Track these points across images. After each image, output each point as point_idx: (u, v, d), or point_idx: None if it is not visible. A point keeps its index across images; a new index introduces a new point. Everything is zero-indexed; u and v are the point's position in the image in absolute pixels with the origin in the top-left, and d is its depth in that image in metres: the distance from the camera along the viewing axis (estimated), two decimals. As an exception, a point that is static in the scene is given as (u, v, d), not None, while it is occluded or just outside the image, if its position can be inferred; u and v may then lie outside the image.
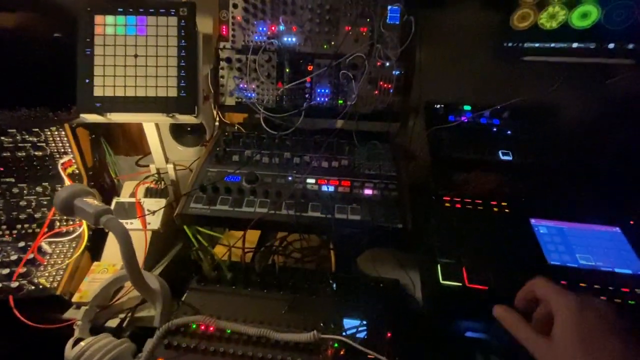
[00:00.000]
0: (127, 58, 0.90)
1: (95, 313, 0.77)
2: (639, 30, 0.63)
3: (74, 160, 0.89)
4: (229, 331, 0.70)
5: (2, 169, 0.88)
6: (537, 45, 0.74)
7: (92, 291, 0.80)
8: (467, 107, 1.04)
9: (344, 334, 0.70)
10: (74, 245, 0.86)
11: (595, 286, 0.59)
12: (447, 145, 0.92)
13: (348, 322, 0.73)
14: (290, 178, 0.85)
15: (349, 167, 0.88)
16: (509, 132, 0.96)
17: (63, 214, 0.72)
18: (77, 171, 0.90)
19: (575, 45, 0.71)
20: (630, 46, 0.67)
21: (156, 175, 1.04)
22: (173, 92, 0.90)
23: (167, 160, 1.05)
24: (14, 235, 0.86)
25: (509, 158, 0.88)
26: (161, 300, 0.75)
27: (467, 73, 0.92)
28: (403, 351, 0.66)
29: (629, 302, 0.57)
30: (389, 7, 0.89)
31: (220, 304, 0.77)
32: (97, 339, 0.70)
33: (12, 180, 0.89)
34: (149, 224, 0.92)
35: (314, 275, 0.81)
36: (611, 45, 0.68)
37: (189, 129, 1.32)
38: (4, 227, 0.86)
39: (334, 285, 0.79)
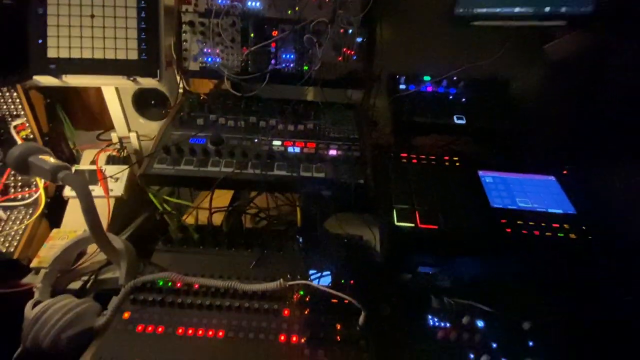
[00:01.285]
0: (83, 18, 0.87)
1: (56, 277, 0.76)
2: None
3: (27, 124, 0.85)
4: (197, 287, 0.72)
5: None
6: (484, 10, 0.80)
7: (52, 256, 0.78)
8: (426, 78, 1.10)
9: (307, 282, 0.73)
10: (30, 211, 0.83)
11: (530, 223, 0.66)
12: (408, 111, 0.97)
13: (313, 274, 0.77)
14: (256, 140, 0.86)
15: (314, 131, 0.91)
16: (463, 99, 1.03)
17: (18, 172, 0.70)
18: (31, 135, 0.87)
19: (517, 9, 0.77)
20: (563, 9, 0.74)
21: (118, 143, 1.01)
22: (133, 55, 0.88)
23: (129, 129, 1.02)
24: (-36, 203, 0.82)
25: (462, 122, 0.95)
26: (126, 259, 0.75)
27: (425, 41, 0.97)
28: (364, 294, 0.70)
29: (559, 234, 0.64)
30: (351, -27, 0.91)
31: (188, 264, 0.78)
32: (58, 299, 0.69)
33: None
34: (112, 190, 0.91)
35: (281, 233, 0.84)
36: (547, 9, 0.75)
37: (152, 102, 1.29)
38: (-50, 193, 0.81)
39: (300, 241, 0.82)
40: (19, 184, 0.85)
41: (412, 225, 0.64)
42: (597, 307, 0.66)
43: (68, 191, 0.90)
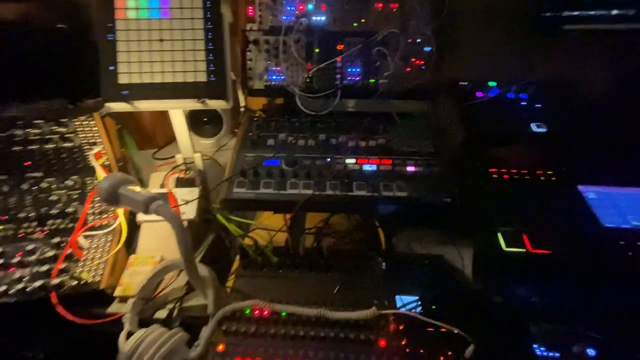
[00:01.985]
0: (152, 43, 0.87)
1: (141, 305, 0.76)
2: None
3: (104, 151, 0.86)
4: (284, 314, 0.70)
5: (29, 163, 0.84)
6: (576, 13, 0.74)
7: (135, 283, 0.78)
8: (492, 83, 1.04)
9: (401, 309, 0.70)
10: (110, 239, 0.84)
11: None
12: (480, 121, 0.93)
13: (401, 299, 0.73)
14: (329, 160, 0.84)
15: (387, 146, 0.87)
16: (538, 105, 0.97)
17: (108, 204, 0.69)
18: (107, 162, 0.87)
19: (614, 12, 0.71)
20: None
21: (183, 165, 1.01)
22: (202, 77, 0.88)
23: (194, 149, 1.02)
24: (47, 232, 0.82)
25: (543, 130, 0.89)
26: (212, 287, 0.74)
27: (502, 48, 0.92)
28: (459, 322, 0.66)
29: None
30: (420, -18, 0.88)
31: (270, 289, 0.76)
32: (150, 330, 0.68)
33: (41, 174, 0.85)
34: (184, 213, 0.90)
35: (361, 255, 0.81)
36: (655, 10, 0.69)
37: (205, 119, 1.30)
38: (34, 223, 0.83)
39: (383, 264, 0.79)
40: (97, 211, 0.85)
41: (523, 250, 0.60)
42: None
43: (141, 216, 0.90)
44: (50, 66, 1.04)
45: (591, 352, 0.64)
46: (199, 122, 1.30)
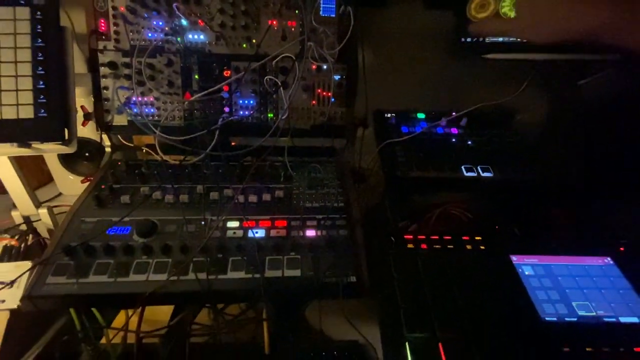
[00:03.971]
0: (-51, 65, 0.62)
1: None
2: None
3: None
4: None
5: None
6: (500, 39, 0.61)
7: None
8: (420, 115, 0.90)
9: None
10: None
11: (604, 349, 0.45)
12: (403, 163, 0.76)
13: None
14: (203, 223, 0.62)
15: (284, 200, 0.68)
16: (469, 142, 0.84)
17: None
18: None
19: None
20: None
21: (22, 226, 0.75)
22: (28, 112, 0.64)
23: (37, 204, 0.76)
24: None
25: (473, 174, 0.75)
26: None
27: (420, 76, 0.77)
28: None
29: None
30: (322, -4, 0.71)
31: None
32: None
33: None
34: (3, 301, 0.64)
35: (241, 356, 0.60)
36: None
37: (86, 153, 1.04)
38: None
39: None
40: None
41: (438, 369, 0.42)
42: None
43: None
44: None
45: None
46: (75, 155, 1.03)
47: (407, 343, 0.44)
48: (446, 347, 0.43)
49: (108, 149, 0.79)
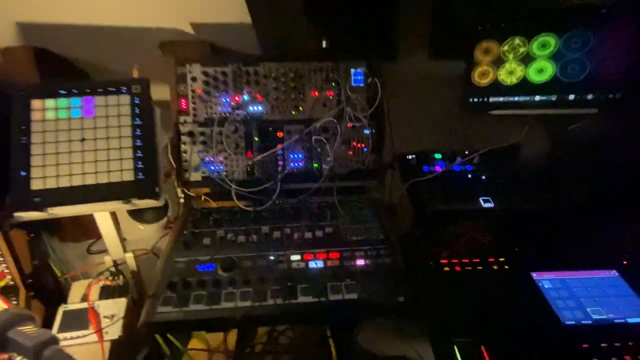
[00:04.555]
0: (72, 143, 0.80)
1: None
2: (595, 80, 0.68)
3: (7, 271, 0.74)
4: None
5: None
6: (501, 99, 0.77)
7: None
8: (437, 156, 1.05)
9: None
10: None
11: (616, 344, 0.56)
12: (428, 199, 0.90)
13: None
14: (272, 258, 0.76)
15: (334, 235, 0.82)
16: (483, 176, 0.97)
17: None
18: (11, 283, 0.74)
19: (537, 98, 0.75)
20: (589, 96, 0.72)
21: (112, 269, 0.90)
22: (129, 176, 0.81)
23: (124, 249, 0.91)
24: None
25: (491, 205, 0.88)
26: None
27: (436, 124, 0.94)
28: None
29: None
30: (352, 71, 0.89)
31: None
32: None
33: None
34: (106, 333, 0.77)
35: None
36: (571, 97, 0.73)
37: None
38: None
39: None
40: None
41: (482, 366, 0.53)
42: None
43: (53, 342, 0.75)
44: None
45: None
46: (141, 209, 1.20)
47: (455, 346, 0.55)
48: (488, 348, 0.54)
49: (181, 200, 0.95)
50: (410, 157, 1.04)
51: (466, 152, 1.00)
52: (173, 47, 0.95)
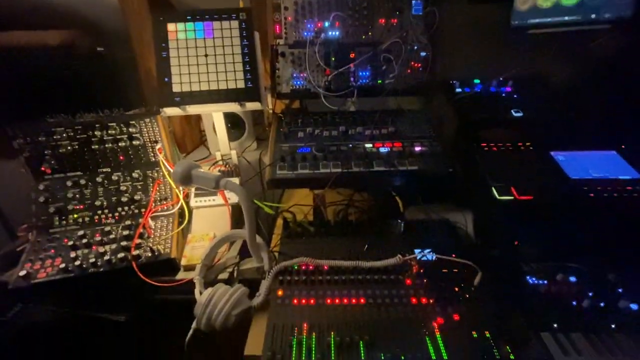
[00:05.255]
0: (199, 58, 1.05)
1: (205, 270, 0.91)
2: (612, 2, 0.87)
3: (163, 148, 1.03)
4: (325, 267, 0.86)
5: (102, 160, 1.00)
6: (537, 21, 0.96)
7: (197, 255, 0.94)
8: (476, 81, 1.26)
9: (419, 257, 0.87)
10: (171, 220, 0.99)
11: (608, 188, 0.80)
12: (469, 110, 1.13)
13: (418, 252, 0.91)
14: (350, 145, 1.02)
15: (396, 133, 1.07)
16: (515, 95, 1.18)
17: (182, 185, 0.86)
18: (164, 157, 1.04)
19: (566, 18, 0.94)
20: (607, 15, 0.90)
21: (222, 160, 1.18)
22: (241, 84, 1.06)
23: (230, 147, 1.19)
24: (117, 218, 0.98)
25: (520, 114, 1.10)
26: (266, 252, 0.90)
27: (483, 51, 1.14)
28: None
29: (633, 195, 0.78)
30: (413, 2, 1.09)
31: (310, 251, 0.92)
32: (219, 286, 0.83)
33: (109, 170, 1.01)
34: (229, 198, 1.07)
35: (382, 221, 0.99)
36: (593, 16, 0.91)
37: (228, 125, 1.47)
38: (106, 210, 0.98)
39: (402, 226, 0.96)
40: (159, 198, 1.01)
41: (512, 197, 0.79)
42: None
43: (194, 203, 1.06)
44: (90, 82, 1.21)
45: (572, 278, 0.82)
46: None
47: (493, 187, 0.81)
48: (516, 188, 0.80)
49: (270, 110, 1.21)
50: (453, 81, 1.25)
51: (501, 78, 1.21)
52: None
